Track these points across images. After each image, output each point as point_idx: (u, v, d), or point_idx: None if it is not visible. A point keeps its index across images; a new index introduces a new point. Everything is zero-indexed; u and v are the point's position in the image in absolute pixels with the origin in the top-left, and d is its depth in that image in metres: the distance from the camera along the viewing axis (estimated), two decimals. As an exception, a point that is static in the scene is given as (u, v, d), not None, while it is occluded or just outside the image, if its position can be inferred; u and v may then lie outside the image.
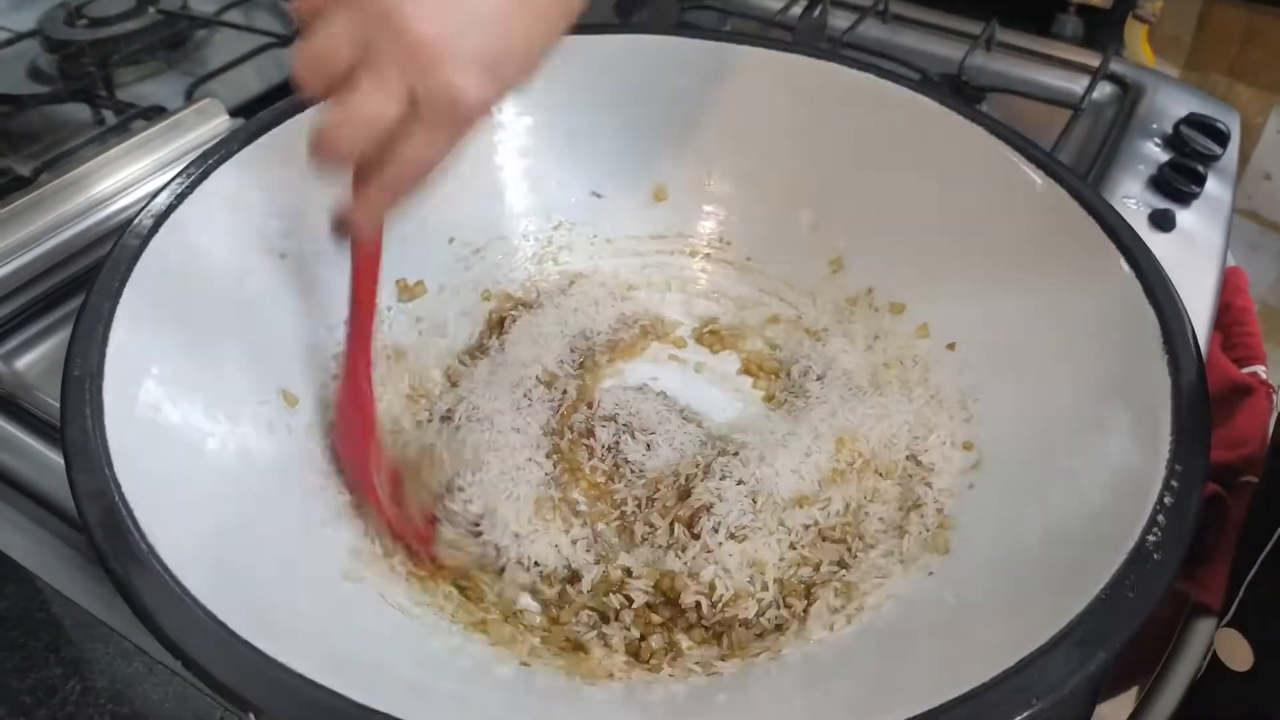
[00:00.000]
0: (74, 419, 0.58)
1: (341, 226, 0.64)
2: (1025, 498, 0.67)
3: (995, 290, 0.80)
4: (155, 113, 1.06)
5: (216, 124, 1.02)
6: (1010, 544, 0.64)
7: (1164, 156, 1.02)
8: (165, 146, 0.99)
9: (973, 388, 0.78)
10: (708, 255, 0.97)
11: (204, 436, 0.65)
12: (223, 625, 0.50)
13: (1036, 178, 0.79)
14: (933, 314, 0.84)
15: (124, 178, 0.96)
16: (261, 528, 0.63)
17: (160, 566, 0.52)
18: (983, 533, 0.68)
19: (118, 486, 0.55)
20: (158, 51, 1.22)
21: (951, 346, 0.82)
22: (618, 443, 0.79)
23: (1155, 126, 1.07)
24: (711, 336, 0.91)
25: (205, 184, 0.74)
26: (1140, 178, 1.00)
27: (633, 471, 0.77)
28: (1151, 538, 0.54)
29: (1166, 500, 0.56)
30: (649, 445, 0.79)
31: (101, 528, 0.53)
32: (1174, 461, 0.58)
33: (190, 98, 1.07)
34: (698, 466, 0.76)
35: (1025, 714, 0.48)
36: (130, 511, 0.54)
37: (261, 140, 0.79)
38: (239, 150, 0.78)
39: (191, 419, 0.65)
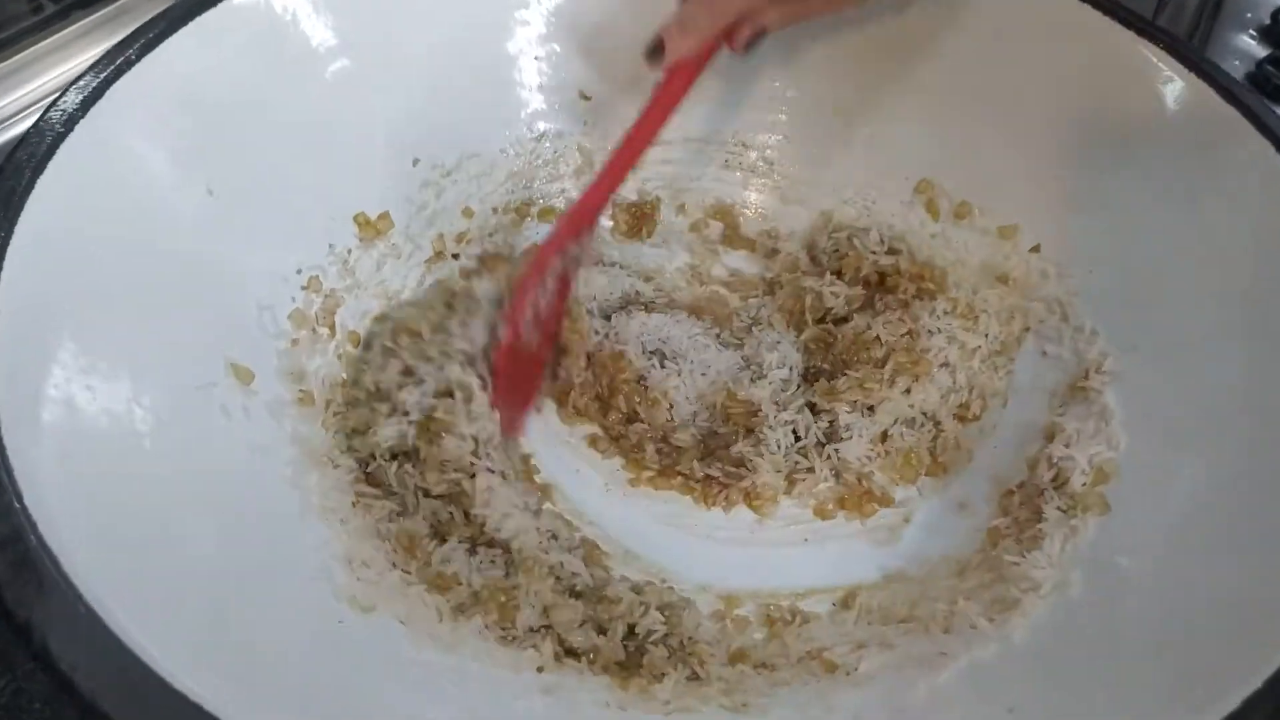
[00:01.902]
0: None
1: (654, 49, 0.63)
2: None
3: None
4: None
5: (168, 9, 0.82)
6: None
7: (1261, 51, 0.89)
8: (109, 39, 0.79)
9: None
10: (726, 163, 0.82)
11: (138, 439, 0.50)
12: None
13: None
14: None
15: (63, 74, 0.79)
16: (232, 563, 0.49)
17: (105, 635, 0.38)
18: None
19: (33, 526, 0.40)
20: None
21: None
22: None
23: (1250, 16, 0.93)
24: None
25: (122, 82, 0.58)
26: (1235, 74, 0.87)
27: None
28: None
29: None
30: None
31: (16, 588, 0.39)
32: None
33: None
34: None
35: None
36: (54, 560, 0.40)
37: (202, 19, 0.63)
38: (171, 33, 0.61)
39: (118, 414, 0.50)
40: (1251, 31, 0.93)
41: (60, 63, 0.80)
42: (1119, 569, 0.52)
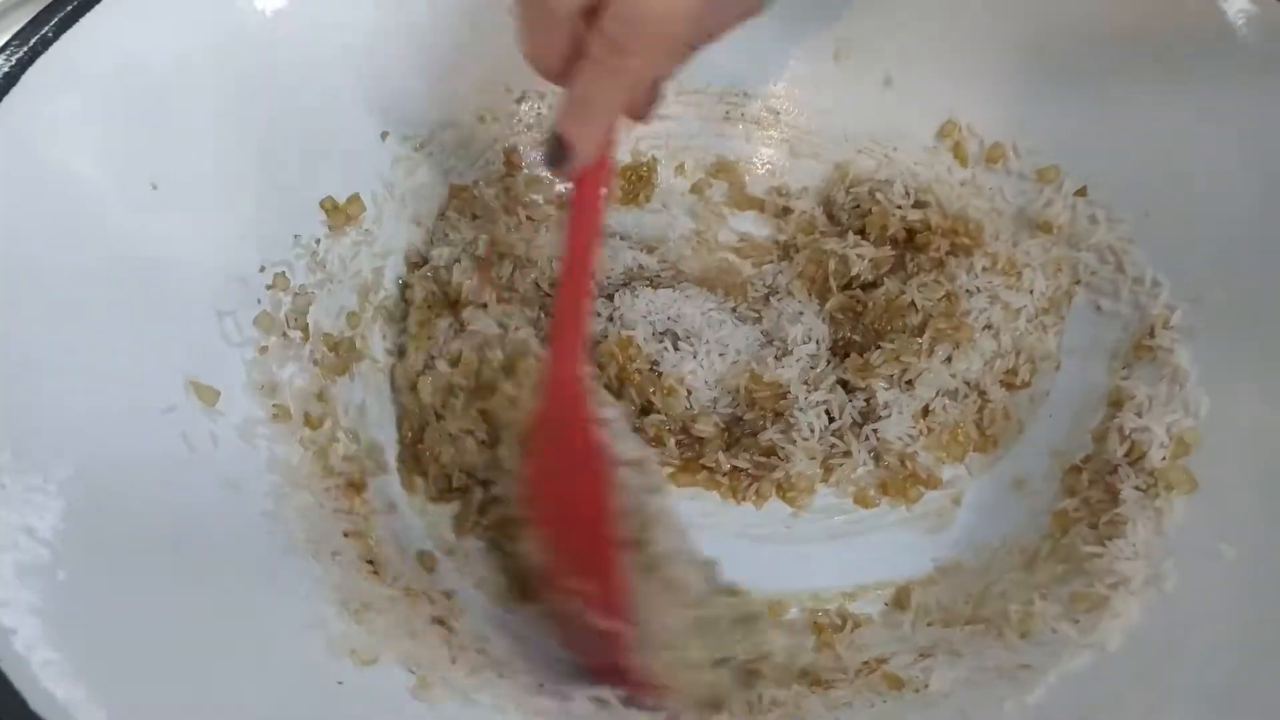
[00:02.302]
0: None
1: (555, 152, 0.46)
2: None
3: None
4: None
5: None
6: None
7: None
8: (19, 13, 0.67)
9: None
10: (727, 115, 0.75)
11: (88, 480, 0.42)
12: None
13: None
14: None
15: None
16: (208, 633, 0.42)
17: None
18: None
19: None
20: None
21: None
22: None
23: None
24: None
25: (40, 64, 0.51)
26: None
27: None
28: None
29: None
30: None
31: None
32: None
33: None
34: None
35: None
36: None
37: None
38: (95, 3, 0.53)
39: (69, 453, 0.42)
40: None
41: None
42: (1221, 557, 0.46)
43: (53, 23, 0.53)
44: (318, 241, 0.62)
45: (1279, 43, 0.56)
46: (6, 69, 0.51)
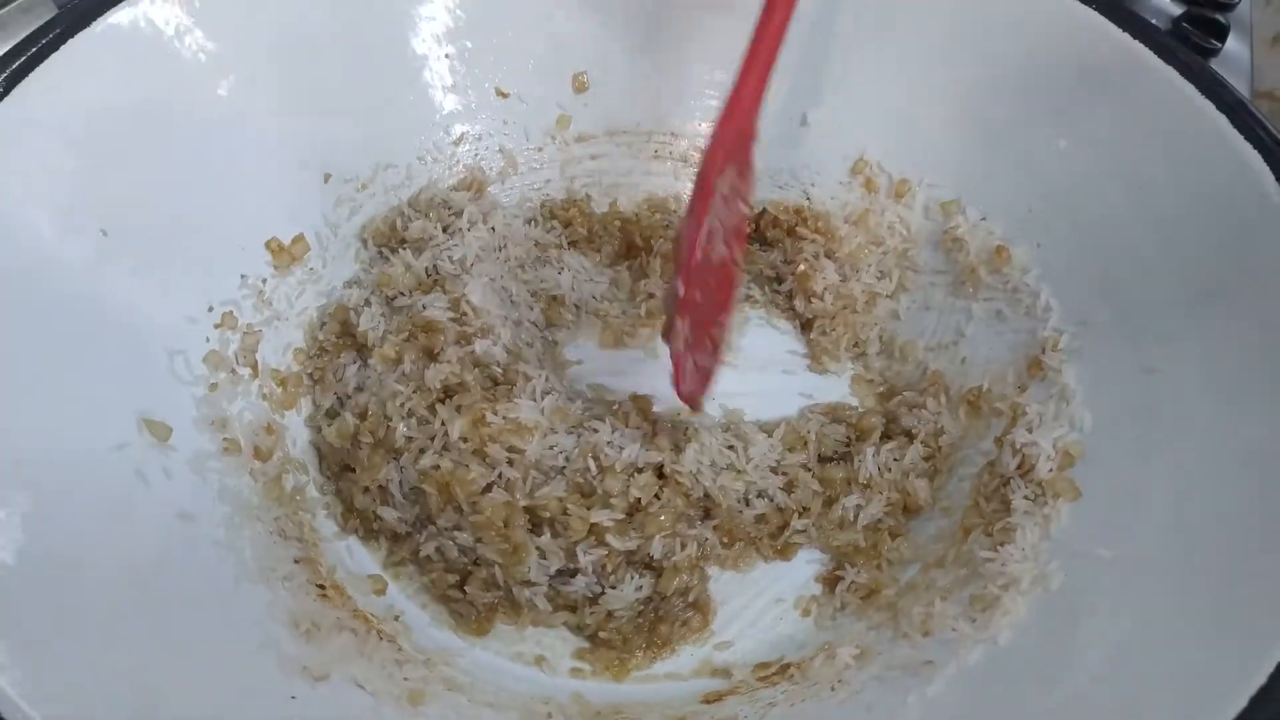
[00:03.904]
0: None
1: None
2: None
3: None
4: None
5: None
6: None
7: (1176, 9, 0.88)
8: None
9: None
10: (656, 154, 0.79)
11: (48, 518, 0.45)
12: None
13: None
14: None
15: None
16: (166, 658, 0.45)
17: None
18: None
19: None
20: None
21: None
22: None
23: None
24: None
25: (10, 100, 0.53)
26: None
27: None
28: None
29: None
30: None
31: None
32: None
33: None
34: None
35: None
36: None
37: (76, 41, 0.57)
38: (43, 59, 0.56)
39: (15, 499, 0.45)
40: (1165, -13, 0.92)
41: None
42: (1101, 560, 0.51)
43: (1, 77, 0.55)
44: (264, 281, 0.65)
45: (1153, 91, 0.61)
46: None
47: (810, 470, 0.63)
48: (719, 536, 0.62)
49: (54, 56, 0.56)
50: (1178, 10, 0.89)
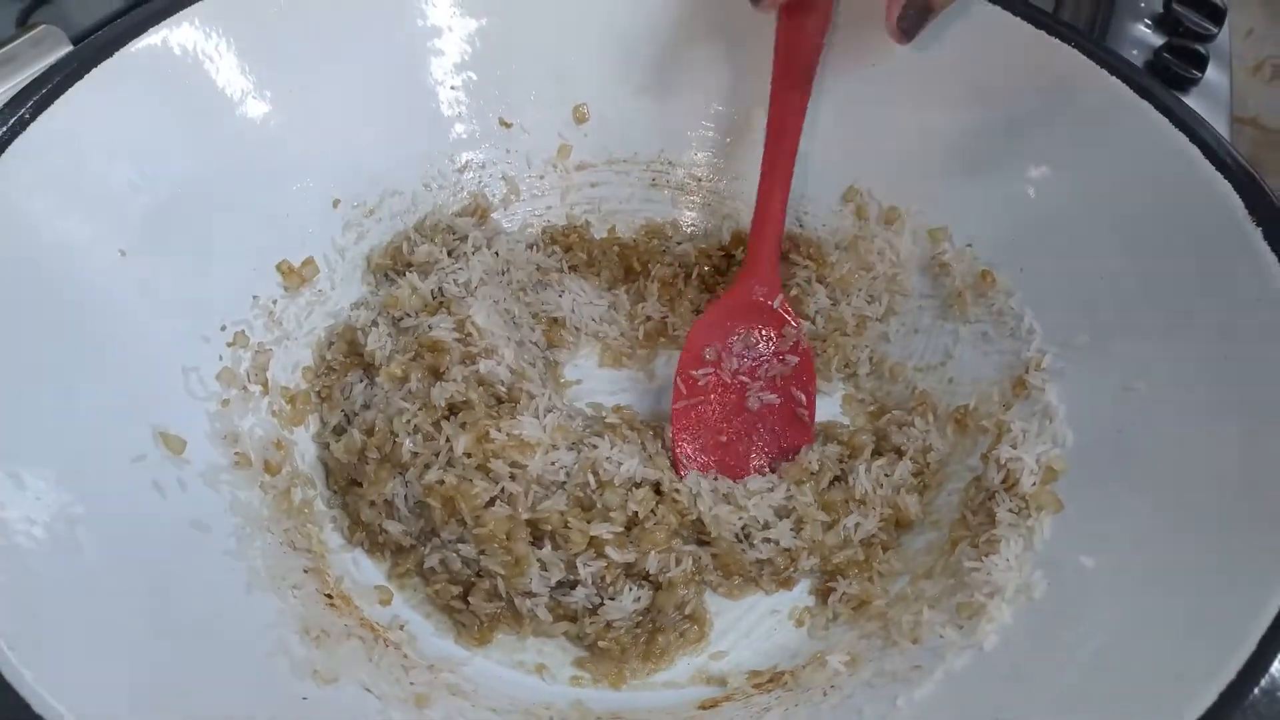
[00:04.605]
0: None
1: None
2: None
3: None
4: None
5: (60, 56, 0.77)
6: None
7: (1157, 40, 0.92)
8: None
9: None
10: (653, 182, 0.82)
11: (69, 528, 0.47)
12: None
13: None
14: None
15: None
16: (183, 658, 0.47)
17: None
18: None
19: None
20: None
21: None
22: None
23: (1144, 5, 0.95)
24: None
25: (17, 144, 0.55)
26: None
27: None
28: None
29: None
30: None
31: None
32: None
33: (23, 24, 0.83)
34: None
35: None
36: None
37: (98, 71, 0.59)
38: (67, 88, 0.58)
39: (45, 508, 0.47)
40: (1147, 20, 0.96)
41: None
42: (1083, 569, 0.53)
43: (28, 105, 0.58)
44: (275, 301, 0.67)
45: (1127, 122, 0.65)
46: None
47: (815, 504, 0.65)
48: (716, 566, 0.63)
49: (77, 85, 0.59)
50: (1158, 41, 0.92)
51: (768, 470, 0.68)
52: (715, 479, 0.65)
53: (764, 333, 0.71)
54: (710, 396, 0.69)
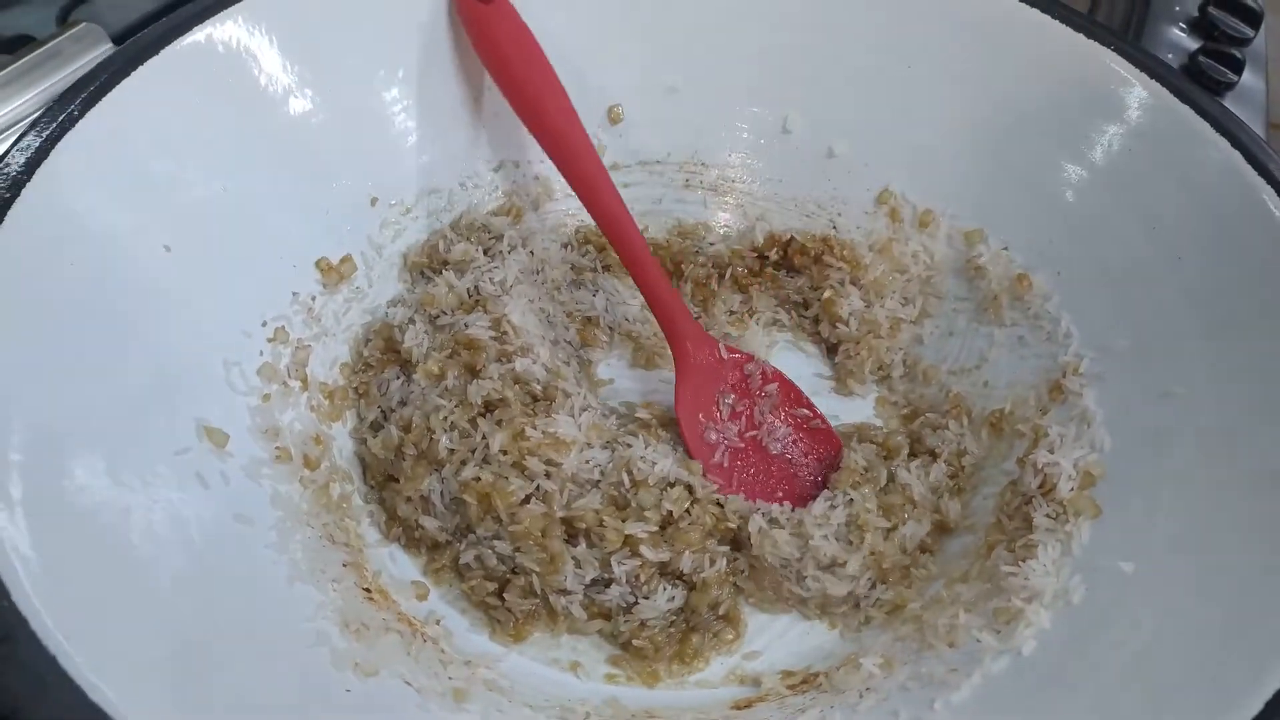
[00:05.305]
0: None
1: None
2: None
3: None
4: (21, 42, 0.83)
5: (99, 53, 0.78)
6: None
7: (1191, 43, 0.91)
8: (37, 84, 0.76)
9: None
10: (686, 183, 0.82)
11: (118, 514, 0.47)
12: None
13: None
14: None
15: None
16: (230, 645, 0.47)
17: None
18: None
19: (22, 623, 0.38)
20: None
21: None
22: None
23: (1179, 9, 0.95)
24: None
25: (68, 139, 0.56)
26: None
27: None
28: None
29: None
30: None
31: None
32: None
33: (64, 23, 0.85)
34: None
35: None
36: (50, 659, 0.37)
37: (147, 67, 0.60)
38: (115, 84, 0.58)
39: (96, 496, 0.47)
40: (1182, 24, 0.95)
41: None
42: (1122, 574, 0.53)
43: (78, 101, 0.58)
44: (313, 298, 0.68)
45: (1167, 126, 0.64)
46: (38, 143, 0.56)
47: (877, 509, 0.63)
48: (750, 576, 0.64)
49: (124, 82, 0.60)
50: (1194, 45, 0.91)
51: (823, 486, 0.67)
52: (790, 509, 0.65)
53: (735, 383, 0.71)
54: (739, 465, 0.68)
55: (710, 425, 0.69)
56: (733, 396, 0.70)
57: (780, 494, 0.67)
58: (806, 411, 0.70)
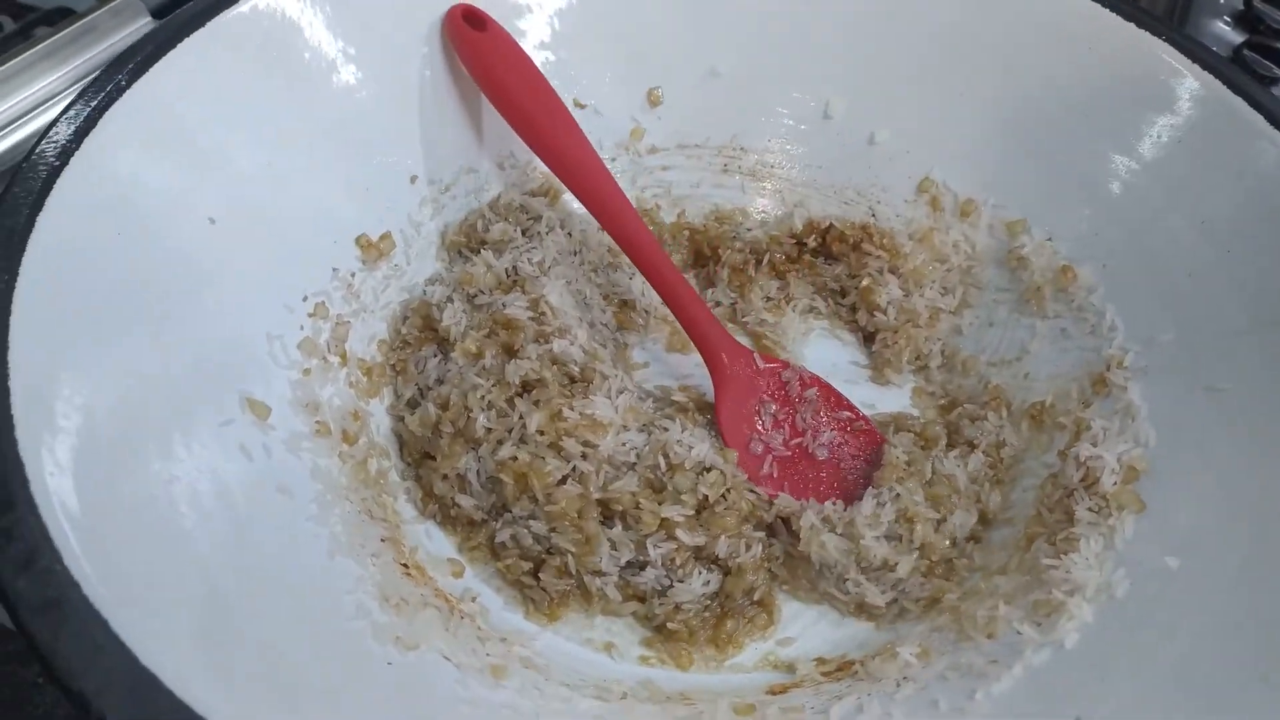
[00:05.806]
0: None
1: None
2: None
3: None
4: (61, 15, 0.84)
5: (138, 27, 0.80)
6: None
7: (1236, 37, 0.90)
8: (76, 57, 0.77)
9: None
10: (725, 168, 0.82)
11: (165, 483, 0.47)
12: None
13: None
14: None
15: (27, 97, 0.75)
16: (277, 617, 0.47)
17: (159, 694, 0.37)
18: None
19: (75, 586, 0.38)
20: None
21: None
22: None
23: (1223, 2, 0.93)
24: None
25: (114, 109, 0.56)
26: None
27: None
28: None
29: None
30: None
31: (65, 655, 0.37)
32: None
33: None
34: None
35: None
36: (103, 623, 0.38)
37: (193, 39, 0.60)
38: (161, 55, 0.59)
39: (144, 465, 0.47)
40: (1226, 18, 0.94)
41: (26, 84, 0.76)
42: (1167, 569, 0.52)
43: (125, 71, 0.58)
44: (353, 274, 0.68)
45: (1219, 118, 0.63)
46: (86, 113, 0.56)
47: (925, 501, 0.63)
48: (785, 564, 0.63)
49: (173, 52, 0.60)
50: (1238, 39, 0.90)
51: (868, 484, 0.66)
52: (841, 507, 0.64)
53: (774, 390, 0.70)
54: (788, 473, 0.67)
55: (755, 436, 0.68)
56: (774, 405, 0.70)
57: (834, 491, 0.67)
58: (848, 414, 0.70)
